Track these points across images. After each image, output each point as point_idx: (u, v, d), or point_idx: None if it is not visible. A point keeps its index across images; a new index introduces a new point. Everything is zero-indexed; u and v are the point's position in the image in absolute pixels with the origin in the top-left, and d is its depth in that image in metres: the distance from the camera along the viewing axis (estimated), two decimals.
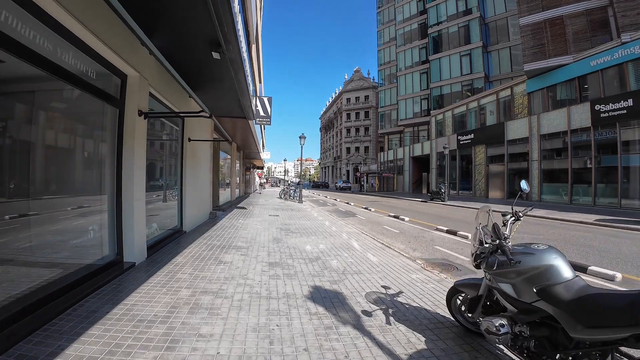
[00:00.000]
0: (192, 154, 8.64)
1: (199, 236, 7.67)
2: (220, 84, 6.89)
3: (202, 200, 9.71)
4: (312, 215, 13.16)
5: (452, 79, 35.15)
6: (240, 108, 9.07)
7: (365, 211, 16.75)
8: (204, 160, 10.02)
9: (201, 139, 8.79)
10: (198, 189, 9.20)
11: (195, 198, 8.84)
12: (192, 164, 8.62)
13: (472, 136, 28.66)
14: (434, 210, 17.72)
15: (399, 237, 9.43)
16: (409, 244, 8.47)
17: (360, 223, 12.25)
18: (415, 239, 9.24)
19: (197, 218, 9.26)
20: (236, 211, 13.50)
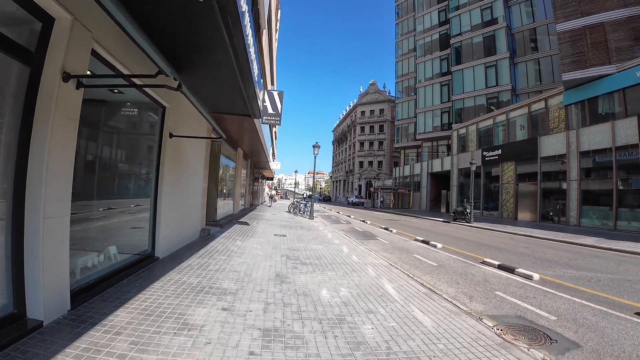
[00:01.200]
0: (176, 155, 6.68)
1: (174, 267, 5.61)
2: (210, 57, 4.93)
3: (188, 215, 7.70)
4: (326, 237, 11.03)
5: (475, 91, 33.01)
6: (242, 101, 7.13)
7: (386, 233, 14.51)
8: (195, 164, 8.07)
9: (189, 135, 6.84)
10: (183, 200, 7.20)
11: (176, 212, 6.83)
12: (175, 167, 6.65)
13: (499, 152, 26.30)
14: (463, 233, 15.36)
15: (440, 274, 7.20)
16: (458, 287, 6.25)
17: (384, 249, 10.05)
18: (463, 277, 7.00)
19: (180, 238, 7.23)
20: (237, 228, 11.46)
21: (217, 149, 11.20)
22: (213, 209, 11.03)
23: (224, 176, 12.53)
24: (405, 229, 16.16)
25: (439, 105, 37.47)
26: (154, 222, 5.91)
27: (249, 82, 5.99)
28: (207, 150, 9.02)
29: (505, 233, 16.23)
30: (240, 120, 9.83)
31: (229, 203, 14.02)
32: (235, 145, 14.32)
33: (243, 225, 12.40)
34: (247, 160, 19.74)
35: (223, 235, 9.49)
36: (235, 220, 13.74)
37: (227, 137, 12.31)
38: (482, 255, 9.70)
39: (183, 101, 6.17)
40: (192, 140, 7.68)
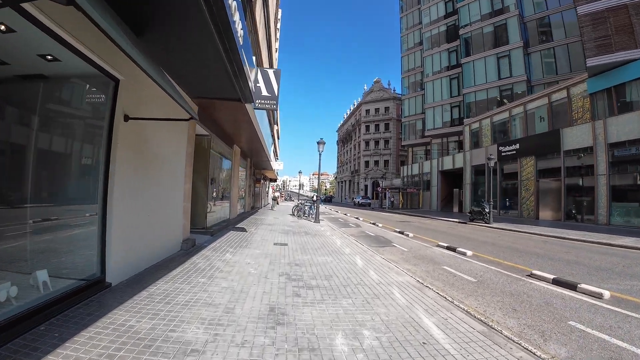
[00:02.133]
0: (140, 146, 5.10)
1: (128, 299, 4.02)
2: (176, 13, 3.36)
3: (161, 223, 6.11)
4: (334, 245, 9.40)
5: (488, 83, 31.21)
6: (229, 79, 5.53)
7: (402, 237, 12.83)
8: (171, 160, 6.49)
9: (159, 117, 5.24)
10: (152, 205, 5.61)
11: (141, 221, 5.24)
12: (138, 163, 5.07)
13: (517, 146, 24.50)
14: (488, 236, 13.63)
15: (485, 295, 5.55)
16: (518, 317, 4.62)
17: (405, 259, 8.39)
18: (517, 300, 5.34)
19: (148, 254, 5.64)
20: (231, 235, 9.88)
21: (206, 144, 9.63)
22: (202, 214, 9.46)
23: (217, 176, 10.94)
24: (421, 232, 14.47)
25: (449, 99, 35.68)
26: (103, 235, 4.32)
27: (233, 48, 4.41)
28: (190, 143, 7.44)
29: (533, 235, 14.49)
30: (231, 109, 8.25)
31: (224, 207, 12.44)
32: (231, 142, 12.75)
33: (239, 232, 10.80)
34: (246, 160, 18.17)
35: (211, 246, 7.89)
36: (231, 226, 12.14)
37: (220, 131, 10.75)
38: (522, 264, 8.06)
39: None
40: (166, 129, 6.11)
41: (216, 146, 10.62)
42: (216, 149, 10.65)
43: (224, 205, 12.40)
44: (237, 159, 14.15)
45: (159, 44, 4.41)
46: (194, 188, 9.14)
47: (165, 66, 5.20)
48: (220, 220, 11.66)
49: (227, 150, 12.35)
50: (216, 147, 10.62)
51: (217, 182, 10.90)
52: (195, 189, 9.21)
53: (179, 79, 5.94)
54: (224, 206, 12.23)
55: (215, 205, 10.80)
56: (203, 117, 8.73)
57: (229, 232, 10.33)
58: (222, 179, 11.75)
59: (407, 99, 44.67)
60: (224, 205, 12.36)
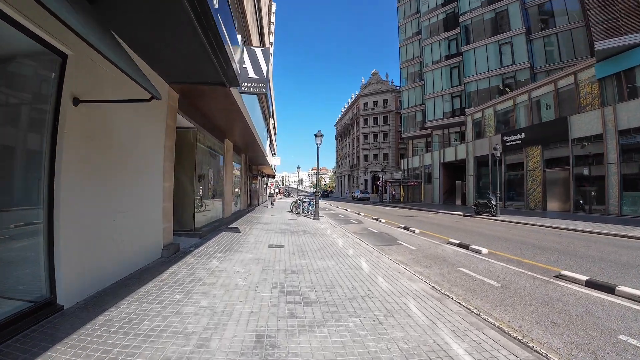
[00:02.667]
0: (101, 136, 4.23)
1: (80, 327, 3.18)
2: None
3: (132, 228, 5.23)
4: (336, 245, 8.55)
5: (490, 71, 30.25)
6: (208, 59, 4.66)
7: (408, 234, 12.00)
8: (144, 154, 5.61)
9: (114, 99, 4.35)
10: (119, 207, 4.74)
11: (105, 227, 4.38)
12: (99, 156, 4.21)
13: (522, 136, 23.64)
14: (498, 230, 12.81)
15: (515, 305, 4.72)
16: (561, 332, 3.81)
17: (415, 260, 7.56)
18: (554, 310, 4.52)
19: (116, 266, 4.78)
20: (222, 237, 9.03)
21: (192, 138, 8.75)
22: (189, 215, 8.60)
23: (207, 173, 10.07)
24: (427, 227, 13.64)
25: (449, 89, 34.72)
26: (49, 246, 3.47)
27: (206, 12, 3.54)
28: (169, 136, 6.55)
29: (544, 227, 13.70)
30: (216, 97, 7.36)
31: (216, 205, 11.58)
32: (222, 136, 11.86)
33: (232, 232, 9.95)
34: (240, 155, 17.27)
35: (198, 251, 7.04)
36: (224, 226, 11.29)
37: (208, 124, 9.86)
38: (544, 262, 7.26)
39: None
40: (137, 119, 5.22)
41: (204, 140, 9.74)
42: (205, 143, 9.76)
43: (216, 204, 11.54)
44: (229, 154, 13.27)
45: (117, 10, 3.55)
46: (179, 186, 8.29)
47: (129, 39, 4.32)
48: (212, 220, 10.81)
49: (217, 145, 11.46)
50: (204, 141, 9.74)
51: (207, 179, 10.03)
52: (180, 187, 8.36)
53: (150, 58, 5.07)
54: (216, 205, 11.36)
55: (205, 204, 9.94)
56: (187, 107, 7.85)
57: (220, 234, 9.47)
58: (213, 176, 10.87)
59: (406, 90, 43.66)
60: (216, 203, 11.50)
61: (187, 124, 8.49)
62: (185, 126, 8.63)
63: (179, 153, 8.29)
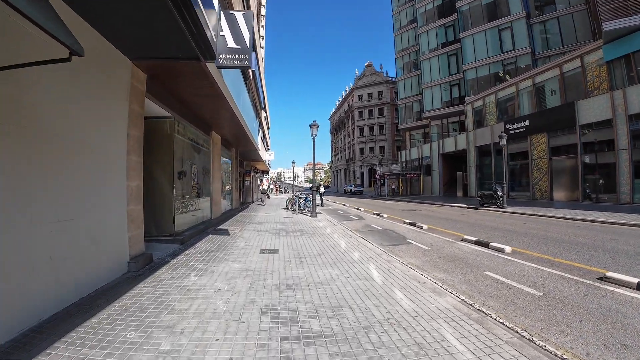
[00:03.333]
0: (21, 120, 3.06)
1: None
2: None
3: (80, 241, 4.06)
4: (339, 247, 7.46)
5: (489, 57, 29.18)
6: (169, 13, 3.52)
7: (415, 230, 10.94)
8: (97, 145, 4.44)
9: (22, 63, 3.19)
10: (58, 214, 3.59)
11: (34, 243, 3.23)
12: (18, 146, 3.05)
13: (526, 123, 22.66)
14: (511, 224, 11.81)
15: (570, 321, 3.69)
16: None
17: (432, 264, 6.49)
18: (614, 324, 3.52)
19: (57, 292, 3.64)
20: (207, 242, 7.91)
21: (168, 129, 7.57)
22: (167, 218, 7.45)
23: (190, 169, 8.89)
24: (434, 222, 12.59)
25: (447, 77, 33.62)
26: None
27: None
28: (134, 123, 5.38)
29: (559, 219, 12.78)
30: (192, 76, 6.18)
31: (202, 205, 10.42)
32: (207, 127, 10.68)
33: (219, 235, 8.81)
34: (230, 150, 16.08)
35: (175, 261, 5.91)
36: (212, 228, 10.16)
37: (188, 113, 8.68)
38: (579, 261, 6.33)
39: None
40: (81, 99, 4.05)
41: (185, 132, 8.56)
42: (186, 135, 8.59)
43: (203, 204, 10.38)
44: (217, 148, 12.09)
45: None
46: (154, 185, 7.15)
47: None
48: (197, 222, 9.66)
49: (202, 138, 10.28)
50: (185, 133, 8.56)
51: (190, 175, 8.87)
52: (155, 187, 7.22)
53: (102, 26, 3.91)
54: (202, 205, 10.20)
55: (188, 204, 8.79)
56: (160, 91, 6.68)
57: (206, 237, 8.33)
58: (198, 172, 9.70)
59: (402, 80, 42.47)
60: (203, 203, 10.33)
61: (162, 113, 7.31)
62: (160, 115, 7.45)
63: (153, 146, 7.13)
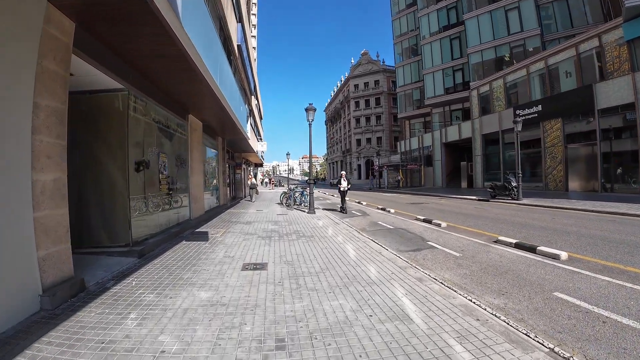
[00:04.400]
0: None
1: None
2: None
3: None
4: (347, 256, 5.72)
5: (496, 40, 27.37)
6: None
7: (433, 229, 9.24)
8: None
9: None
10: None
11: None
12: None
13: (539, 108, 21.01)
14: (535, 219, 10.19)
15: None
16: None
17: (478, 283, 4.77)
18: None
19: None
20: (177, 251, 6.15)
21: (120, 104, 5.75)
22: (121, 222, 5.66)
23: (155, 158, 7.04)
24: (450, 217, 10.90)
25: (450, 62, 31.77)
26: None
27: None
28: (51, 90, 3.61)
29: (587, 213, 11.40)
30: (141, 25, 4.36)
31: (177, 203, 8.63)
32: (182, 110, 8.84)
33: (195, 242, 7.03)
34: (215, 139, 14.21)
35: (119, 287, 4.16)
36: (189, 230, 8.38)
37: (152, 89, 6.84)
38: None
39: None
40: None
41: (148, 111, 6.72)
42: (148, 115, 6.74)
43: (178, 201, 8.58)
44: (197, 135, 10.25)
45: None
46: (104, 180, 5.37)
47: None
48: (170, 225, 7.85)
49: (175, 122, 8.44)
50: (148, 113, 6.72)
51: (156, 167, 7.06)
52: (104, 182, 5.44)
53: None
54: (176, 202, 8.39)
55: (154, 202, 6.99)
56: (104, 53, 4.88)
57: (176, 245, 6.56)
58: (170, 163, 7.88)
59: (400, 66, 40.51)
60: (178, 200, 8.53)
61: (113, 84, 5.49)
62: (111, 88, 5.63)
63: (102, 129, 5.36)
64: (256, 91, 26.94)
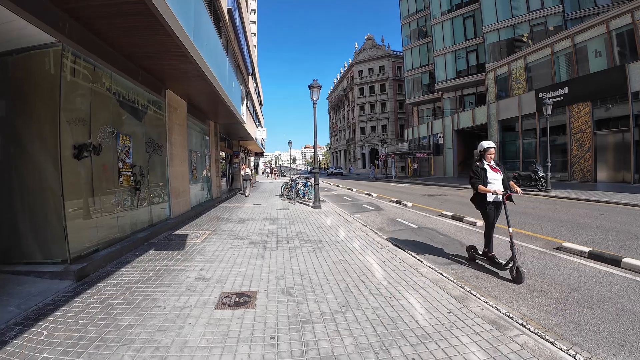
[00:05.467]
0: None
1: None
2: None
3: None
4: (372, 278, 4.05)
5: (514, 18, 25.20)
6: None
7: (468, 229, 7.56)
8: None
9: None
10: None
11: None
12: None
13: (565, 91, 19.06)
14: (580, 214, 8.52)
15: None
16: None
17: (581, 328, 3.07)
18: None
19: None
20: (135, 268, 4.53)
21: (51, 66, 4.06)
22: (54, 230, 4.05)
23: (110, 141, 5.29)
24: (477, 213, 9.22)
25: (463, 43, 29.54)
26: None
27: None
28: None
29: (633, 207, 9.65)
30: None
31: (153, 200, 6.98)
32: (155, 82, 7.11)
33: (166, 251, 5.37)
34: (206, 123, 12.46)
35: (18, 340, 2.55)
36: (165, 233, 6.75)
37: (108, 48, 5.13)
38: None
39: None
40: None
41: (98, 77, 5.00)
42: (99, 82, 5.03)
43: (152, 197, 6.91)
44: (178, 116, 8.53)
45: None
46: (26, 171, 3.73)
47: None
48: (138, 228, 6.19)
49: (145, 97, 6.70)
50: (98, 79, 5.00)
51: (112, 153, 5.37)
52: (28, 172, 3.80)
53: None
54: (146, 199, 6.68)
55: (112, 201, 5.32)
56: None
57: (138, 258, 4.92)
58: (136, 149, 6.15)
59: (408, 49, 38.22)
60: (149, 196, 6.83)
61: (41, 38, 3.81)
62: (37, 44, 3.95)
63: (25, 100, 3.74)
64: (255, 73, 25.05)
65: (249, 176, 14.44)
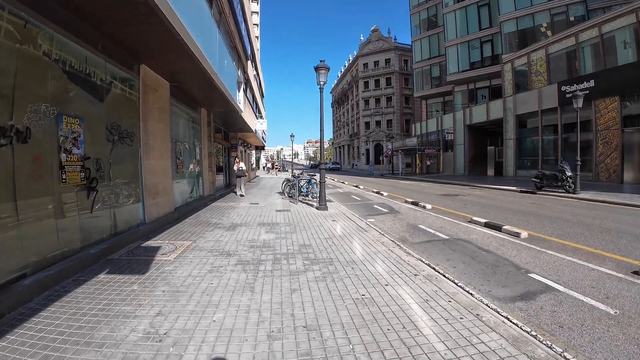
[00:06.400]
0: None
1: None
2: None
3: None
4: (420, 331, 2.68)
5: (534, 6, 23.54)
6: None
7: (509, 240, 6.15)
8: None
9: None
10: None
11: None
12: None
13: (591, 84, 17.51)
14: (629, 222, 7.09)
15: None
16: None
17: None
18: None
19: None
20: (70, 304, 3.20)
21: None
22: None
23: (43, 124, 3.83)
24: (514, 218, 7.78)
25: (477, 33, 27.83)
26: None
27: None
28: None
29: None
30: None
31: (120, 202, 5.59)
32: (126, 56, 5.71)
33: (118, 277, 4.00)
34: (197, 111, 11.01)
35: None
36: (134, 244, 5.38)
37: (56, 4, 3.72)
38: None
39: None
40: None
41: (28, 37, 3.60)
42: (30, 42, 3.63)
43: (118, 198, 5.52)
44: (158, 99, 7.10)
45: None
46: None
47: None
48: (93, 241, 4.81)
49: (109, 71, 5.27)
50: (28, 39, 3.60)
51: (53, 139, 3.98)
52: None
53: None
54: (109, 201, 5.30)
55: (50, 206, 3.93)
56: None
57: (80, 287, 3.56)
58: (90, 137, 4.73)
59: (418, 39, 36.44)
60: (117, 197, 5.46)
61: None
62: None
63: None
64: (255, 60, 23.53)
65: (243, 172, 12.80)
